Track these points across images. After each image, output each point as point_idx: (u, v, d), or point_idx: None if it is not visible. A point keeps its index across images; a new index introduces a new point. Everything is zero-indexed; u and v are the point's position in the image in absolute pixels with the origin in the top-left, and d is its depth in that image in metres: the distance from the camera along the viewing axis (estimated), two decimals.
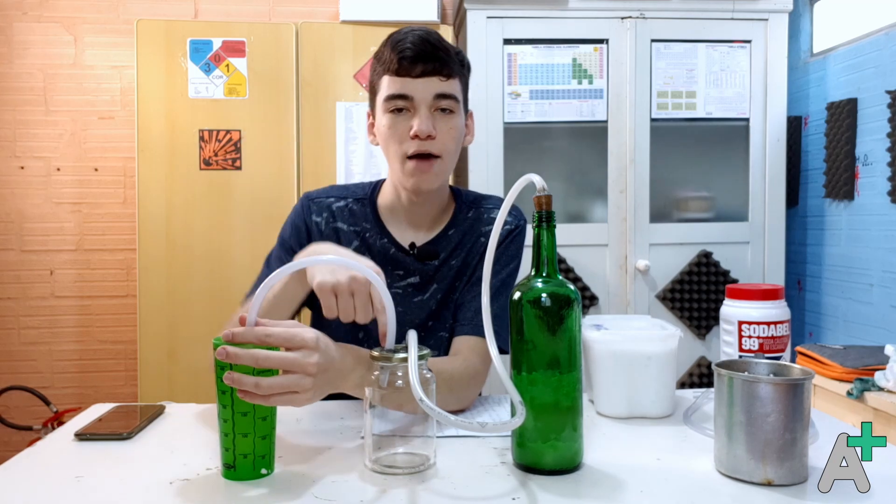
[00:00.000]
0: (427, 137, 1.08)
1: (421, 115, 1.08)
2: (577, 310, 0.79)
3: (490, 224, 1.19)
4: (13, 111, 2.81)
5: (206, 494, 0.74)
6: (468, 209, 1.21)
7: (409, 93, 1.08)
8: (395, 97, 1.08)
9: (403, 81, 1.08)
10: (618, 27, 2.54)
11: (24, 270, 2.84)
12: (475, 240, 1.19)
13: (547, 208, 0.80)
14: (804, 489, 0.73)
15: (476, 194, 1.25)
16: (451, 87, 1.09)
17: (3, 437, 2.77)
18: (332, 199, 1.20)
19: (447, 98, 1.09)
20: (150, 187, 2.43)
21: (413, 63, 1.07)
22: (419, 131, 1.07)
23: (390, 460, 0.80)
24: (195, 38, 2.43)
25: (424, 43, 1.07)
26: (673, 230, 2.59)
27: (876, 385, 1.83)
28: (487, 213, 1.21)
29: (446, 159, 1.11)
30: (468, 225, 1.20)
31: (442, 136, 1.09)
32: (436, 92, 1.08)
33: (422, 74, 1.07)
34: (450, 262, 1.18)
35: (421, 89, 1.08)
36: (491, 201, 1.23)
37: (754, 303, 0.95)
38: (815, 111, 2.75)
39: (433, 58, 1.07)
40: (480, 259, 1.17)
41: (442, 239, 1.18)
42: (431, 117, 1.09)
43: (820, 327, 2.73)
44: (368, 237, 1.17)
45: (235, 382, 0.75)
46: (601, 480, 0.77)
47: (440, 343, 1.17)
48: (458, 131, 1.12)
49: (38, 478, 0.79)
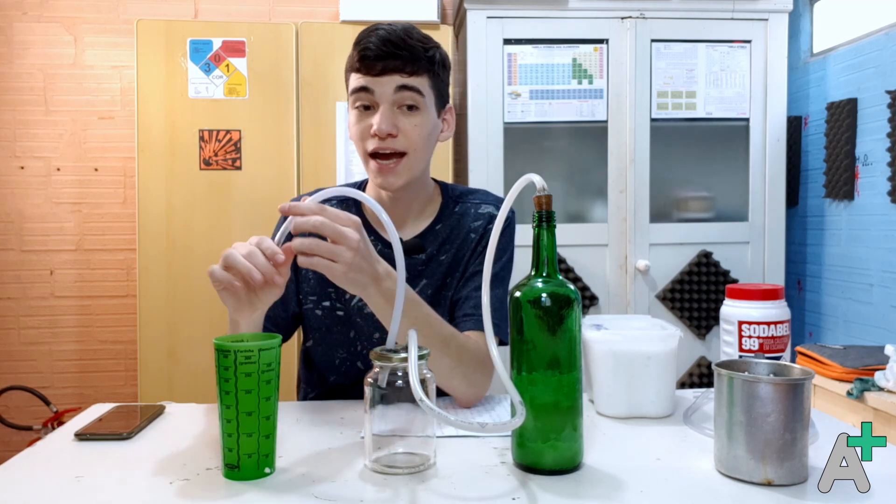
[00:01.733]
0: (388, 136, 1.08)
1: (382, 112, 1.08)
2: (577, 310, 0.79)
3: (478, 219, 1.20)
4: (13, 111, 2.81)
5: (206, 494, 0.74)
6: (454, 204, 1.22)
7: (371, 86, 1.08)
8: (358, 91, 1.09)
9: (365, 78, 1.08)
10: (618, 27, 2.55)
11: (24, 270, 2.84)
12: (464, 235, 1.19)
13: (547, 208, 0.80)
14: (804, 489, 0.73)
15: (462, 188, 1.25)
16: (415, 82, 1.08)
17: (3, 437, 2.77)
18: (335, 201, 1.22)
19: (410, 91, 1.08)
20: (150, 187, 2.43)
21: (374, 61, 1.07)
22: (378, 130, 1.07)
23: (390, 460, 0.80)
24: (195, 38, 2.43)
25: (385, 42, 1.06)
26: (673, 230, 2.59)
27: (876, 385, 1.83)
28: (475, 207, 1.21)
29: (412, 156, 1.11)
30: (455, 220, 1.20)
31: (406, 133, 1.09)
32: (398, 84, 1.07)
33: (382, 72, 1.07)
34: (438, 257, 1.18)
35: (382, 85, 1.07)
36: (477, 196, 1.24)
37: (754, 303, 0.95)
38: (815, 111, 2.75)
39: (394, 55, 1.07)
40: (472, 255, 1.18)
41: (429, 233, 1.19)
42: (393, 115, 1.08)
43: (820, 327, 2.73)
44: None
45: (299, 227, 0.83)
46: (601, 480, 0.77)
47: None
48: (423, 128, 1.10)
49: (38, 478, 0.79)
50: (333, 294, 1.18)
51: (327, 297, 1.18)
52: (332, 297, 1.18)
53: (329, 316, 1.18)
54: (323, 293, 1.18)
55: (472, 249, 1.18)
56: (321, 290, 1.18)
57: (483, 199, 1.23)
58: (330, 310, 1.18)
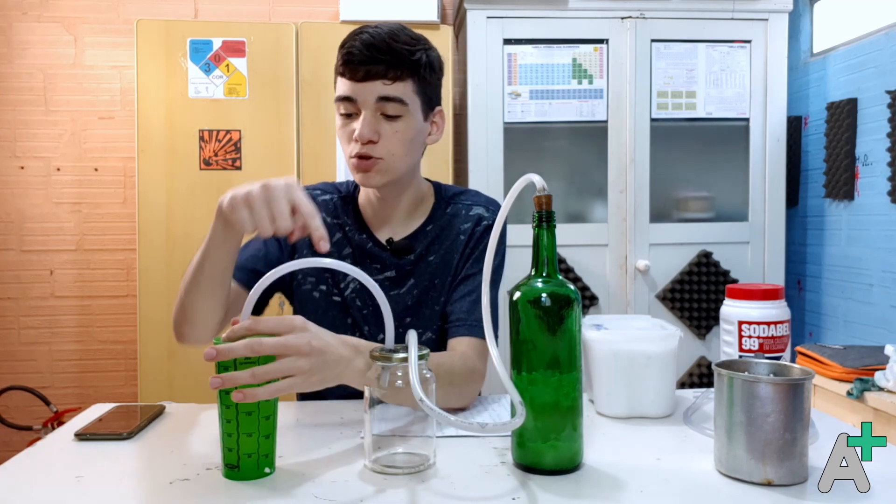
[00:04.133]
0: (368, 142, 1.08)
1: (363, 118, 1.07)
2: (577, 310, 0.79)
3: (467, 221, 1.20)
4: (13, 111, 2.81)
5: (206, 494, 0.74)
6: (447, 205, 1.22)
7: (353, 95, 1.07)
8: (342, 99, 1.09)
9: (349, 84, 1.08)
10: (618, 27, 2.54)
11: (24, 270, 2.84)
12: (454, 237, 1.19)
13: (547, 208, 0.80)
14: (804, 489, 0.73)
15: (455, 189, 1.25)
16: (397, 91, 1.07)
17: (3, 437, 2.77)
18: (319, 191, 1.24)
19: (391, 102, 1.07)
20: (150, 187, 2.43)
21: (357, 66, 1.06)
22: (359, 136, 1.07)
23: (390, 460, 0.80)
24: (195, 38, 2.43)
25: (368, 46, 1.05)
26: (673, 230, 2.59)
27: (876, 385, 1.83)
28: (466, 209, 1.21)
29: (389, 160, 1.10)
30: (446, 221, 1.20)
31: (386, 139, 1.09)
32: (379, 95, 1.07)
33: (365, 78, 1.06)
34: (427, 257, 1.18)
35: (364, 93, 1.07)
36: (469, 196, 1.23)
37: (754, 303, 0.95)
38: (815, 111, 2.75)
39: (377, 61, 1.05)
40: (461, 258, 1.18)
41: (419, 234, 1.19)
42: (375, 121, 1.08)
43: (820, 327, 2.73)
44: (349, 231, 1.20)
45: (229, 382, 0.75)
46: (601, 480, 0.77)
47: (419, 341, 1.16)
48: (404, 134, 1.10)
49: (38, 478, 0.79)
50: (330, 280, 1.19)
51: (324, 281, 1.19)
52: (328, 282, 1.19)
53: (326, 300, 1.19)
54: (321, 277, 1.19)
55: (461, 252, 1.18)
56: (319, 273, 1.19)
57: (474, 201, 1.23)
58: (327, 294, 1.19)
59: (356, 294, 1.18)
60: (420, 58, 1.09)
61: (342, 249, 1.19)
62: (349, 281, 1.19)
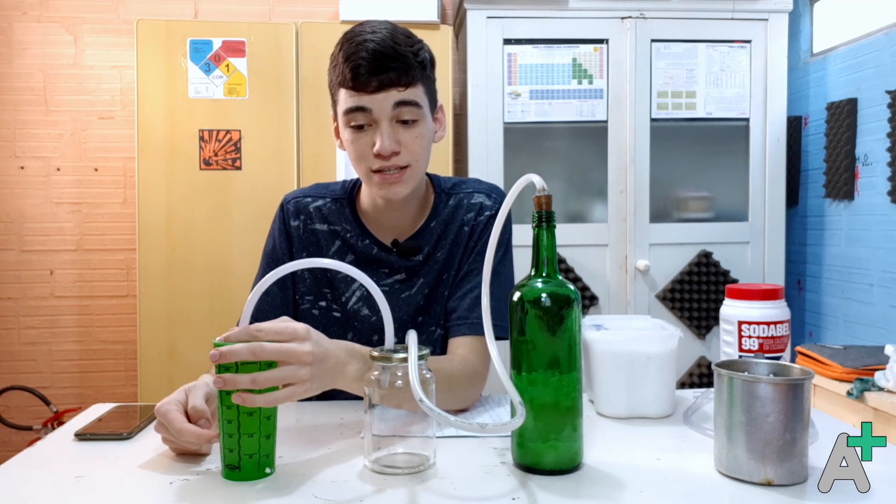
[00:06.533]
0: (391, 154, 1.04)
1: (382, 131, 1.03)
2: (577, 310, 0.79)
3: (470, 210, 1.17)
4: (13, 111, 2.81)
5: (206, 494, 0.74)
6: (447, 196, 1.19)
7: (367, 105, 1.03)
8: (354, 111, 1.04)
9: (360, 97, 1.02)
10: (618, 27, 2.55)
11: (24, 270, 2.84)
12: (458, 229, 1.17)
13: (547, 208, 0.80)
14: (804, 489, 0.73)
15: (453, 180, 1.22)
16: (412, 95, 1.04)
17: (3, 437, 2.77)
18: (310, 198, 1.19)
19: (409, 106, 1.04)
20: (150, 187, 2.43)
21: (368, 77, 1.01)
22: (382, 150, 1.03)
23: (390, 460, 0.80)
24: (195, 38, 2.43)
25: (377, 55, 1.00)
26: (673, 230, 2.59)
27: (876, 385, 1.83)
28: (467, 198, 1.19)
29: (415, 166, 1.08)
30: (448, 214, 1.18)
31: (407, 146, 1.05)
32: (395, 101, 1.03)
33: (378, 88, 1.02)
34: (434, 255, 1.16)
35: (379, 102, 1.02)
36: (469, 185, 1.21)
37: (754, 303, 0.95)
38: (815, 111, 2.75)
39: (389, 69, 1.01)
40: (465, 252, 1.16)
41: (424, 232, 1.16)
42: (394, 131, 1.04)
43: (820, 327, 2.73)
44: (349, 237, 1.17)
45: (230, 384, 0.75)
46: (601, 480, 0.77)
47: (431, 338, 1.16)
48: (424, 137, 1.08)
49: (38, 478, 0.79)
50: (329, 295, 1.17)
51: (323, 297, 1.17)
52: (328, 297, 1.17)
53: (326, 317, 1.17)
54: (319, 293, 1.17)
55: (465, 245, 1.16)
56: (317, 290, 1.17)
57: (475, 188, 1.20)
58: (326, 310, 1.17)
59: (363, 302, 1.16)
60: (424, 57, 1.08)
61: (344, 258, 1.16)
62: (354, 289, 1.16)
